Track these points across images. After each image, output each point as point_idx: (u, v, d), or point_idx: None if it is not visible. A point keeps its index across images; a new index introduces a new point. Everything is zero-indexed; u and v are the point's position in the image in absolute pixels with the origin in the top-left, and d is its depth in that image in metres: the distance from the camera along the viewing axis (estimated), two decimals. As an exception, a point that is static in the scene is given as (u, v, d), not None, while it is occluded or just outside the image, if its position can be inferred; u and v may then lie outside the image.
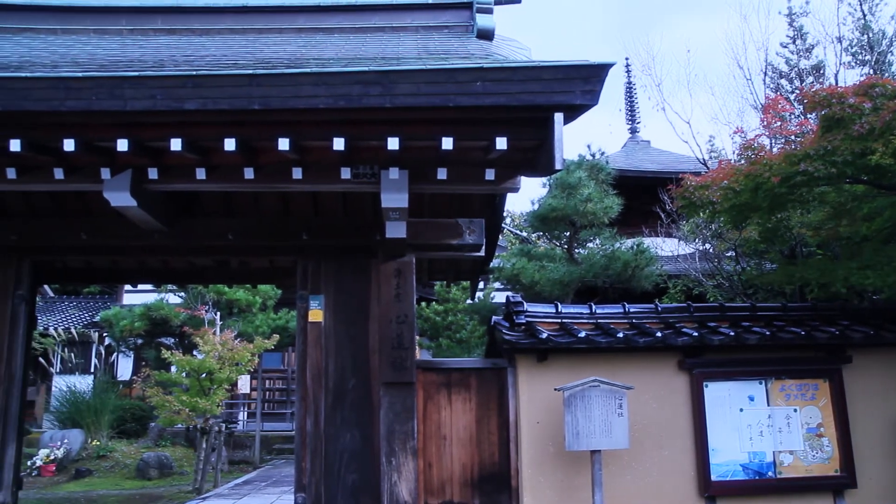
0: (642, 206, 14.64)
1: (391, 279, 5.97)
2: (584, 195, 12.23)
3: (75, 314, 23.98)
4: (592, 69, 4.56)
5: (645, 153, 21.70)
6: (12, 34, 7.35)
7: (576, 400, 5.67)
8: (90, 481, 14.83)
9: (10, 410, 6.21)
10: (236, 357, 13.91)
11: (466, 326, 18.34)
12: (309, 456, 6.00)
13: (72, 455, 15.92)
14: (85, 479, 14.93)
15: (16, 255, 6.42)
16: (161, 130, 4.72)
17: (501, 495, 6.04)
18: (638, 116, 24.36)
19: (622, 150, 22.20)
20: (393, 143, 4.65)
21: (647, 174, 17.81)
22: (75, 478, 15.03)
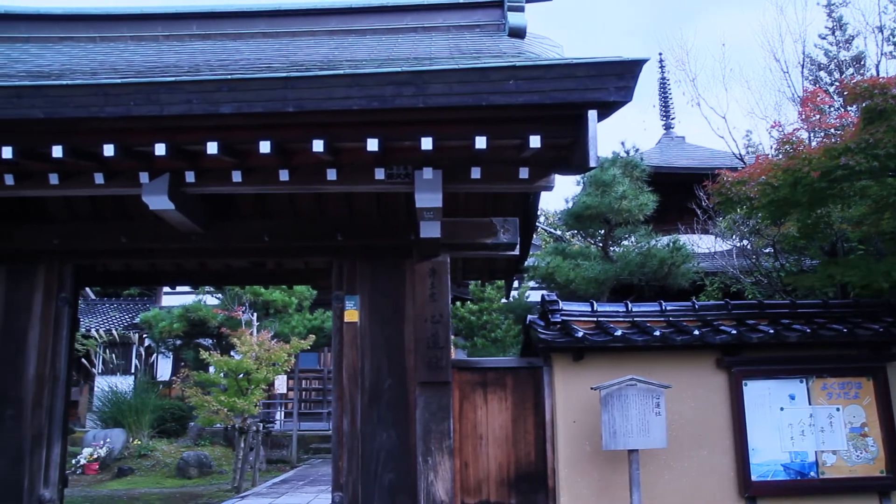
0: (678, 202, 14.46)
1: (426, 279, 5.98)
2: (619, 192, 12.13)
3: (116, 316, 24.43)
4: (626, 65, 4.51)
5: (680, 149, 21.45)
6: (53, 43, 7.51)
7: (612, 399, 5.62)
8: (132, 480, 15.10)
9: (56, 410, 6.35)
10: (273, 357, 14.05)
11: (501, 325, 18.31)
12: (346, 455, 6.04)
13: (114, 454, 16.22)
14: (127, 478, 15.21)
15: (58, 259, 6.55)
16: (197, 134, 4.78)
17: (538, 495, 6.02)
18: (672, 112, 24.09)
19: (656, 147, 21.98)
20: (426, 143, 4.66)
21: (682, 170, 17.60)
22: (118, 476, 15.31)
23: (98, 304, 26.22)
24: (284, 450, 18.54)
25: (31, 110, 4.65)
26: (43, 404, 6.27)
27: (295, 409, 19.59)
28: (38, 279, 6.49)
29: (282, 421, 21.09)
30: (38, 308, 6.44)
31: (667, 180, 15.36)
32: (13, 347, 6.36)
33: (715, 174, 8.15)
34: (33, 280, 6.49)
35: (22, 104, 4.65)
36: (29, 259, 6.51)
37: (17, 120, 4.68)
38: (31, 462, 6.17)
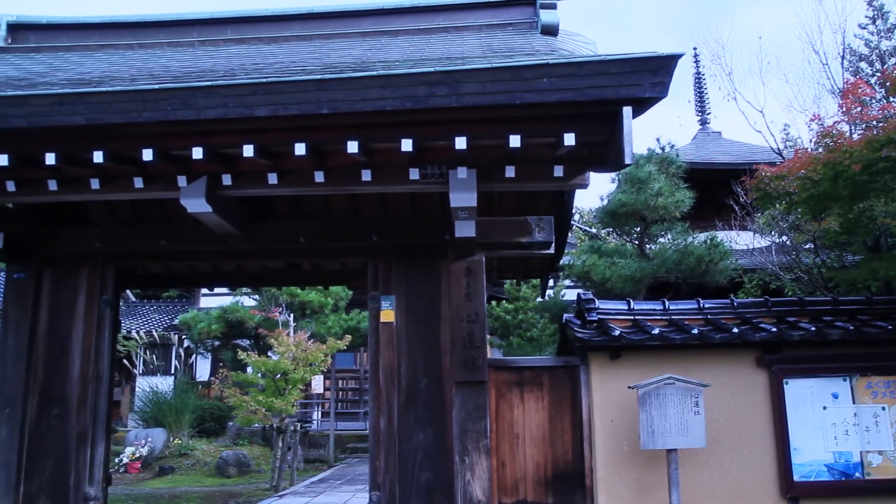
0: (715, 199, 14.29)
1: (461, 278, 5.98)
2: (655, 189, 12.00)
3: (156, 318, 24.82)
4: (661, 61, 4.46)
5: (716, 145, 21.17)
6: (94, 51, 7.66)
7: (650, 398, 5.57)
8: (173, 478, 15.33)
9: (99, 410, 6.48)
10: (310, 358, 14.16)
11: (537, 324, 18.25)
12: (383, 454, 6.06)
13: (155, 453, 16.49)
14: (168, 477, 15.45)
15: (100, 262, 6.68)
16: (234, 137, 4.84)
17: (576, 494, 5.98)
18: (708, 107, 23.78)
19: (692, 143, 21.72)
20: (460, 142, 4.66)
21: (718, 166, 17.38)
22: (159, 475, 15.56)
23: (138, 306, 26.68)
24: (322, 449, 18.68)
25: (73, 117, 4.75)
26: (87, 404, 6.40)
27: (332, 409, 19.73)
28: (81, 282, 6.63)
29: (319, 421, 21.25)
30: (81, 310, 6.58)
31: (703, 176, 15.18)
32: (58, 349, 6.51)
33: (753, 169, 8.02)
34: (76, 283, 6.63)
35: (64, 111, 4.75)
36: (72, 262, 6.66)
37: (59, 127, 4.79)
38: (76, 460, 6.31)
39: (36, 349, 6.51)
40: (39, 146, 4.96)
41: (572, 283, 14.78)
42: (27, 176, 5.49)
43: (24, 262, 6.59)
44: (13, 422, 6.32)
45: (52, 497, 6.28)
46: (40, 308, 6.60)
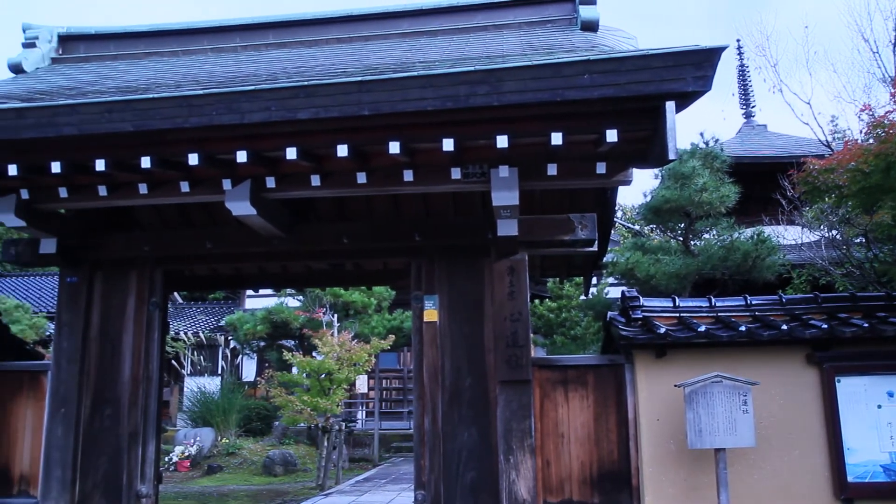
0: (761, 193, 14.00)
1: (504, 277, 5.96)
2: (699, 185, 11.83)
3: (202, 319, 25.23)
4: (704, 54, 4.40)
5: (761, 138, 20.75)
6: (140, 59, 7.83)
7: (697, 396, 5.49)
8: (221, 477, 15.56)
9: (150, 409, 6.61)
10: (354, 358, 14.26)
11: (581, 323, 18.11)
12: (427, 454, 6.08)
13: (204, 452, 16.75)
14: (216, 475, 15.68)
15: (149, 265, 6.81)
16: (277, 140, 4.90)
17: (622, 494, 5.92)
18: (752, 100, 23.29)
19: (737, 136, 21.33)
20: (502, 141, 4.65)
21: (764, 160, 17.03)
22: (208, 473, 15.80)
23: (185, 307, 27.15)
24: (366, 448, 18.81)
25: (122, 124, 4.86)
26: (138, 404, 6.54)
27: (376, 409, 19.86)
28: (130, 285, 6.78)
29: (363, 420, 21.40)
30: (131, 312, 6.73)
31: (749, 170, 14.90)
32: (110, 350, 6.66)
33: (800, 162, 7.86)
34: (126, 286, 6.78)
35: (113, 118, 4.86)
36: (122, 266, 6.81)
37: (109, 133, 4.91)
38: (128, 459, 6.45)
39: (89, 351, 6.67)
40: (90, 153, 5.09)
41: (616, 280, 14.64)
42: (78, 182, 5.65)
43: (76, 267, 6.76)
44: (68, 421, 6.48)
45: (106, 494, 6.43)
46: (92, 311, 6.76)
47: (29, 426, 6.70)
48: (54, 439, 6.47)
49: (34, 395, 6.74)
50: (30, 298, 23.42)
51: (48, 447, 6.48)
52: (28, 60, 7.69)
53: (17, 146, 5.08)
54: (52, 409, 6.55)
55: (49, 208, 6.12)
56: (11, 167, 5.17)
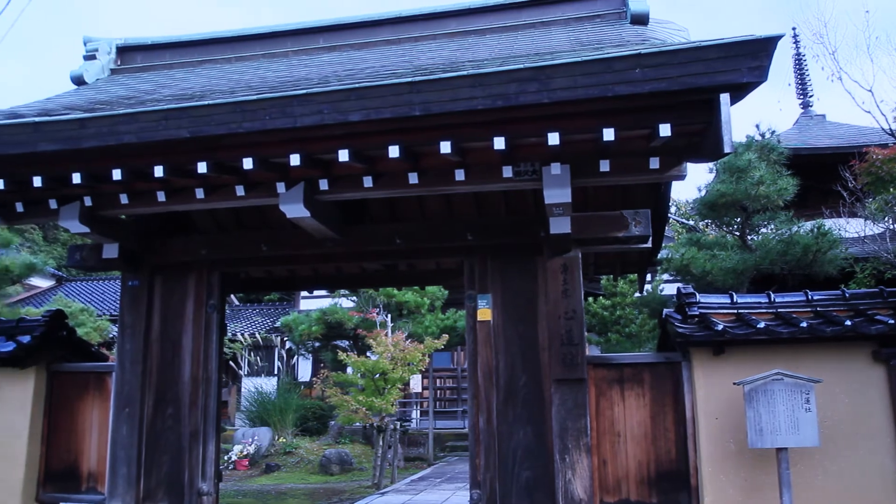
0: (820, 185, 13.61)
1: (558, 275, 5.92)
2: (756, 178, 11.54)
3: (258, 320, 25.68)
4: (759, 44, 4.29)
5: (820, 128, 20.18)
6: (194, 66, 8.01)
7: (757, 394, 5.37)
8: (279, 475, 15.82)
9: (210, 409, 6.76)
10: (408, 357, 14.33)
11: (635, 320, 17.87)
12: (483, 453, 6.08)
13: (262, 451, 17.05)
14: (274, 474, 15.95)
15: (206, 268, 6.96)
16: (329, 143, 4.95)
17: (680, 494, 5.83)
18: (810, 89, 22.66)
19: (794, 127, 20.78)
20: (553, 138, 4.61)
21: (824, 150, 16.56)
22: (265, 472, 16.08)
23: (242, 309, 27.69)
24: (421, 447, 18.90)
25: (178, 131, 4.97)
26: (198, 404, 6.69)
27: (430, 408, 19.93)
28: (189, 288, 6.93)
29: (418, 419, 21.50)
30: (190, 314, 6.88)
31: (807, 162, 14.52)
32: (170, 351, 6.83)
33: (862, 152, 7.63)
34: (185, 288, 6.94)
35: (170, 125, 4.98)
36: (181, 269, 6.97)
37: (166, 140, 5.02)
38: (189, 457, 6.61)
39: (150, 352, 6.85)
40: (148, 160, 5.22)
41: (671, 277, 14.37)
42: (138, 188, 5.80)
43: (137, 271, 6.94)
44: (132, 421, 6.67)
45: (169, 491, 6.60)
46: (153, 313, 6.94)
47: (95, 425, 6.92)
48: (119, 438, 6.67)
49: (100, 396, 6.96)
50: (94, 302, 24.16)
51: (114, 445, 6.68)
52: (89, 72, 7.94)
53: (81, 155, 5.24)
54: (116, 408, 6.75)
55: (111, 214, 6.30)
56: (75, 175, 5.33)
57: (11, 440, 6.81)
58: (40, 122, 5.20)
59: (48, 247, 35.70)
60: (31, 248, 30.96)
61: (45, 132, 5.17)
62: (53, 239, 37.06)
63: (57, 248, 35.59)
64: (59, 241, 36.14)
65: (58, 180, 5.48)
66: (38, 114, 5.55)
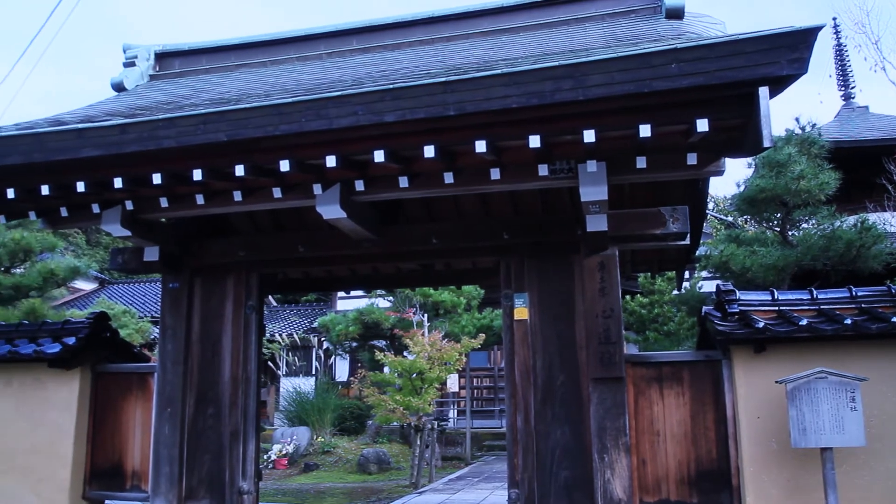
0: (864, 178, 13.35)
1: (595, 273, 5.88)
2: (796, 172, 11.34)
3: (296, 321, 25.93)
4: (799, 35, 4.20)
5: (863, 120, 19.75)
6: (230, 71, 8.12)
7: (800, 393, 5.27)
8: (317, 474, 15.95)
9: (249, 409, 6.84)
10: (445, 357, 14.35)
11: (674, 318, 17.69)
12: (520, 452, 6.06)
13: (300, 450, 17.21)
14: (313, 473, 16.09)
15: (244, 270, 7.04)
16: (364, 144, 4.96)
17: (721, 494, 5.75)
18: (851, 81, 22.17)
19: (836, 120, 20.37)
20: (589, 135, 4.57)
21: (867, 143, 16.22)
22: (304, 471, 16.23)
23: (279, 310, 27.98)
24: (458, 447, 18.92)
25: (216, 134, 5.03)
26: (238, 404, 6.78)
27: (468, 407, 19.93)
28: (227, 289, 7.03)
29: (455, 419, 21.53)
30: (229, 315, 6.97)
31: (850, 155, 14.21)
32: (210, 352, 6.93)
33: (907, 145, 7.45)
34: (224, 290, 7.03)
35: (208, 129, 5.04)
36: (219, 271, 7.07)
37: (204, 144, 5.08)
38: (230, 456, 6.70)
39: (191, 353, 6.96)
40: (188, 163, 5.30)
41: (710, 274, 14.20)
42: (178, 192, 5.89)
43: (177, 273, 7.05)
44: (174, 420, 6.78)
45: (210, 490, 6.70)
46: (193, 314, 7.05)
47: (138, 424, 7.05)
48: (162, 437, 6.78)
49: (142, 396, 7.08)
50: (135, 304, 24.62)
51: (156, 445, 6.80)
52: (129, 79, 8.09)
53: (122, 160, 5.33)
54: (158, 408, 6.87)
55: (151, 218, 6.40)
56: (117, 180, 5.43)
57: (59, 439, 6.96)
58: (83, 129, 5.31)
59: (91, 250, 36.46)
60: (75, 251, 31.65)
61: (87, 138, 5.28)
62: (96, 242, 37.84)
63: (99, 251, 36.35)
64: (102, 244, 36.90)
65: (100, 185, 5.59)
66: (81, 120, 5.67)
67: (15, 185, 5.65)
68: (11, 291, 12.76)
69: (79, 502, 6.95)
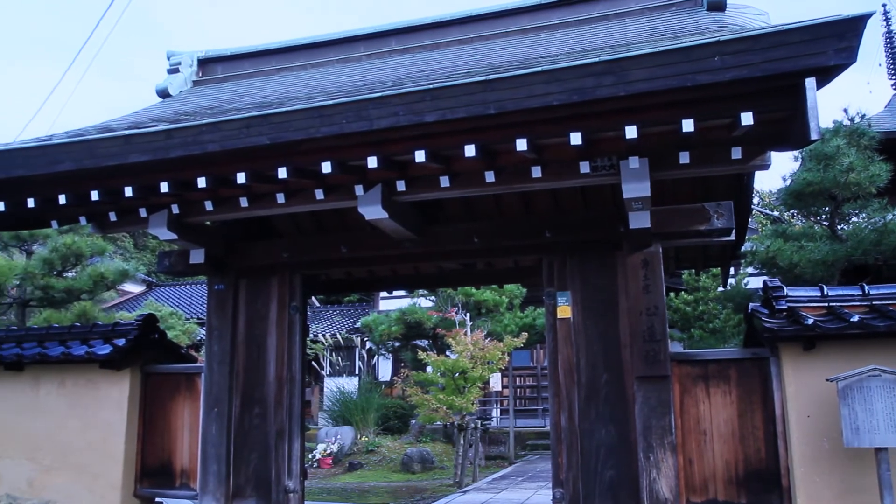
0: (917, 170, 12.94)
1: (638, 271, 5.82)
2: (845, 165, 11.04)
3: (339, 321, 26.15)
4: (847, 24, 4.09)
5: (914, 110, 19.19)
6: (272, 74, 8.22)
7: (853, 391, 5.14)
8: (361, 473, 16.07)
9: (294, 408, 6.92)
10: (487, 356, 14.34)
11: (719, 315, 17.41)
12: (565, 451, 6.03)
13: (344, 449, 17.35)
14: (357, 472, 16.21)
15: (288, 271, 7.12)
16: (405, 144, 4.98)
17: (771, 495, 5.64)
18: (903, 69, 21.58)
19: (886, 110, 19.77)
20: (631, 131, 4.52)
21: (919, 134, 15.74)
22: (348, 470, 16.35)
23: (322, 310, 28.25)
24: (502, 446, 18.88)
25: (259, 137, 5.10)
26: (283, 403, 6.85)
27: (511, 406, 19.89)
28: (272, 290, 7.11)
29: (498, 418, 21.50)
30: (273, 316, 7.06)
31: (901, 146, 13.81)
32: (256, 353, 7.02)
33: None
34: (268, 291, 7.12)
35: (251, 133, 5.11)
36: (264, 273, 7.16)
37: (248, 147, 5.15)
38: (276, 455, 6.78)
39: (237, 353, 7.06)
40: (231, 167, 5.38)
41: (756, 270, 13.93)
42: (222, 195, 5.98)
43: (223, 275, 7.16)
44: (221, 420, 6.89)
45: (257, 489, 6.79)
46: (238, 315, 7.15)
47: (186, 424, 7.18)
48: (209, 436, 6.90)
49: (190, 396, 7.21)
50: (182, 306, 25.09)
51: (204, 444, 6.92)
52: (173, 85, 8.25)
53: (168, 165, 5.44)
54: (206, 408, 6.98)
55: (197, 221, 6.51)
56: (163, 184, 5.54)
57: (111, 438, 7.13)
58: (130, 135, 5.43)
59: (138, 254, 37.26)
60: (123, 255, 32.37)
61: (134, 144, 5.39)
62: (143, 246, 38.65)
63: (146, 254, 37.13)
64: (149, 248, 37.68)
65: (147, 189, 5.71)
66: (128, 127, 5.80)
67: (66, 191, 5.80)
68: (64, 294, 13.12)
69: (131, 500, 7.10)
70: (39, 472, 7.29)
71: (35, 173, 5.69)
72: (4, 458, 7.43)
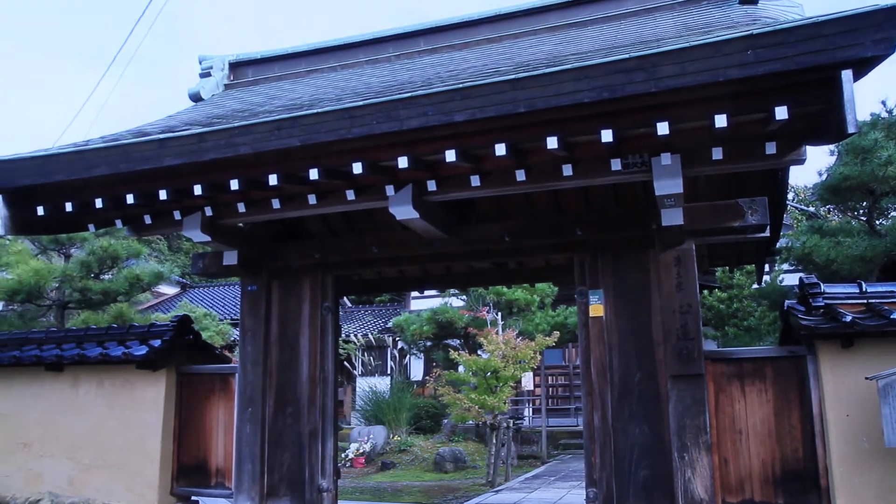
0: (958, 163, 12.64)
1: (671, 268, 5.76)
2: (883, 158, 10.85)
3: (371, 321, 26.26)
4: (884, 13, 3.98)
5: (955, 102, 18.76)
6: (302, 77, 8.29)
7: (893, 390, 5.03)
8: (394, 473, 16.11)
9: (327, 408, 6.97)
10: (519, 355, 14.29)
11: (754, 313, 17.16)
12: (598, 451, 5.99)
13: (377, 449, 17.41)
14: (390, 471, 16.25)
15: (320, 272, 7.18)
16: (435, 144, 4.98)
17: (809, 495, 5.54)
18: (942, 61, 21.10)
19: (925, 102, 19.40)
20: (662, 128, 4.47)
21: (960, 126, 15.37)
22: (381, 469, 16.41)
23: (354, 311, 28.38)
24: (534, 445, 18.83)
25: (290, 139, 5.14)
26: (316, 403, 6.91)
27: (543, 406, 19.81)
28: (304, 291, 7.17)
29: (530, 417, 21.45)
30: (306, 317, 7.12)
31: (942, 138, 13.50)
32: (288, 353, 7.08)
33: None
34: (301, 292, 7.18)
35: (282, 135, 5.15)
36: (296, 273, 7.22)
37: (279, 149, 5.20)
38: (309, 455, 6.84)
39: (270, 354, 7.13)
40: (263, 169, 5.42)
41: (791, 266, 13.75)
42: (254, 197, 6.04)
43: (256, 276, 7.23)
44: (255, 419, 6.96)
45: (291, 487, 6.85)
46: (271, 316, 7.22)
47: (221, 423, 7.26)
48: (244, 436, 6.97)
49: (225, 396, 7.29)
50: (215, 307, 25.38)
51: (239, 443, 6.99)
52: (205, 89, 8.35)
53: (201, 168, 5.51)
54: (240, 408, 7.06)
55: (230, 223, 6.58)
56: (196, 187, 5.61)
57: (148, 437, 7.24)
58: (164, 139, 5.51)
59: (172, 256, 37.75)
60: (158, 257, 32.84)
61: (169, 147, 5.47)
62: (177, 248, 39.17)
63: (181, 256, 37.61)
64: (183, 250, 38.17)
65: (181, 192, 5.78)
66: (162, 131, 5.88)
67: (103, 195, 5.90)
68: (101, 296, 13.36)
69: (167, 498, 7.21)
70: (79, 471, 7.43)
71: (72, 178, 5.80)
72: (46, 457, 7.58)
